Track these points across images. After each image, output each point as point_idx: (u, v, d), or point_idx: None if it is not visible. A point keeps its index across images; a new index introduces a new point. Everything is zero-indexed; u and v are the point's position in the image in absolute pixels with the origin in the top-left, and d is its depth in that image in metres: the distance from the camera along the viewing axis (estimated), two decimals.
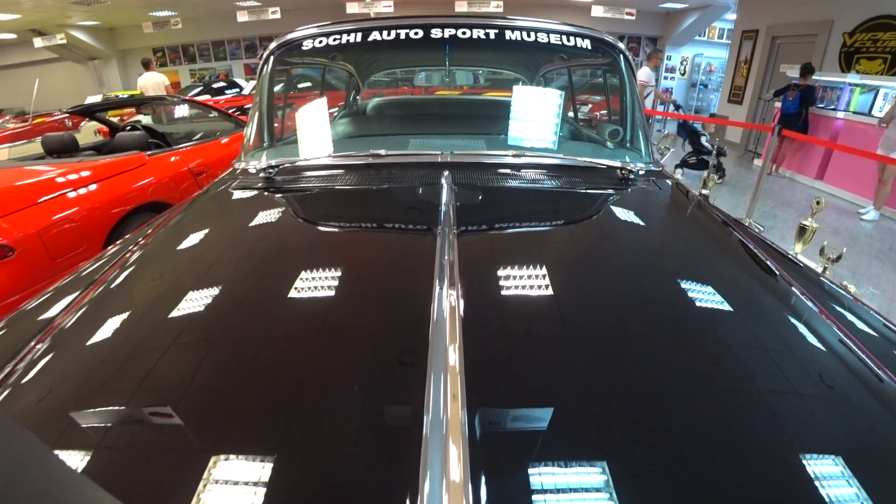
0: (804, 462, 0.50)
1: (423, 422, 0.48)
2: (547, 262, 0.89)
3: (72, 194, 2.13)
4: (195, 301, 0.78)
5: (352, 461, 0.49)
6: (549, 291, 0.78)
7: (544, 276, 0.82)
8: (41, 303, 0.91)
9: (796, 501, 0.47)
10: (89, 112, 3.90)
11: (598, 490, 0.45)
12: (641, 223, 1.16)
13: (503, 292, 0.77)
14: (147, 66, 7.86)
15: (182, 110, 4.81)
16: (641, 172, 1.37)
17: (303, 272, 0.84)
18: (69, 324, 0.77)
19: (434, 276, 0.72)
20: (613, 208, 1.23)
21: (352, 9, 10.03)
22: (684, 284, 0.86)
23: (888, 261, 3.76)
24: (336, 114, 2.27)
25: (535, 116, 1.56)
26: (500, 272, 0.83)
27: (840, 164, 5.77)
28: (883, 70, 6.16)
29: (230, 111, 4.67)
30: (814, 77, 6.18)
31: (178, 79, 14.72)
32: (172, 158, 2.85)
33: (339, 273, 0.85)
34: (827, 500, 0.45)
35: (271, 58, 1.58)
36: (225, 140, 3.44)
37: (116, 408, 0.58)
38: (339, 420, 0.53)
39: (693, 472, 0.50)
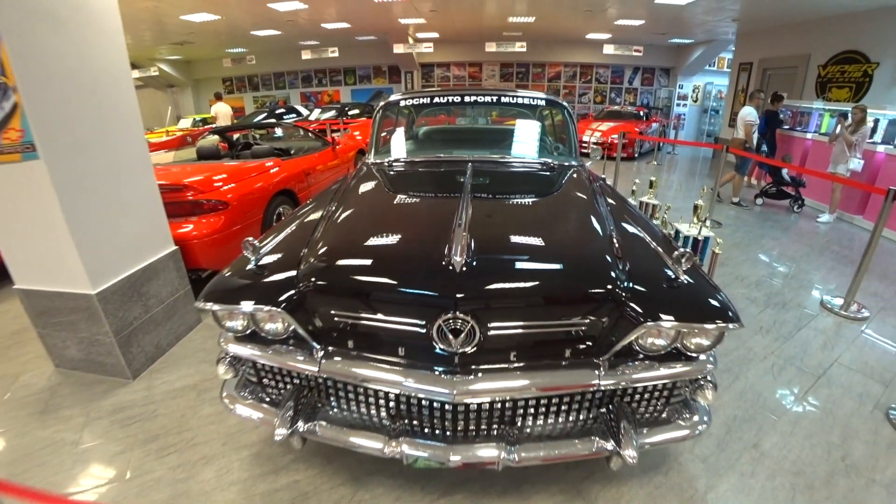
0: (556, 249, 1.71)
1: (456, 225, 1.66)
2: (508, 196, 2.19)
3: (254, 178, 3.62)
4: (368, 206, 2.12)
5: (434, 225, 1.76)
6: (506, 204, 2.08)
7: (506, 200, 2.12)
8: (306, 214, 2.22)
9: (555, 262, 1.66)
10: (220, 131, 5.50)
11: (509, 244, 1.69)
12: (558, 182, 2.44)
13: (487, 206, 2.02)
14: (219, 98, 10.21)
15: (280, 129, 6.43)
16: (568, 164, 2.69)
17: (405, 194, 2.19)
18: (333, 216, 2.08)
19: (460, 200, 1.92)
20: (550, 177, 2.53)
21: (398, 49, 11.74)
22: (556, 197, 2.18)
23: (828, 251, 4.72)
24: (406, 134, 3.67)
25: (518, 138, 2.98)
26: (487, 202, 2.08)
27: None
28: (849, 97, 7.18)
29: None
30: (785, 103, 7.25)
31: (243, 104, 16.92)
32: (292, 163, 4.32)
33: (419, 194, 2.20)
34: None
35: (381, 110, 3.01)
36: (317, 154, 4.92)
37: (367, 240, 1.83)
38: (429, 218, 1.85)
39: (530, 245, 1.75)
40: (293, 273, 1.56)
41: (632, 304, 1.42)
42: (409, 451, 1.40)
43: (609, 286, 1.45)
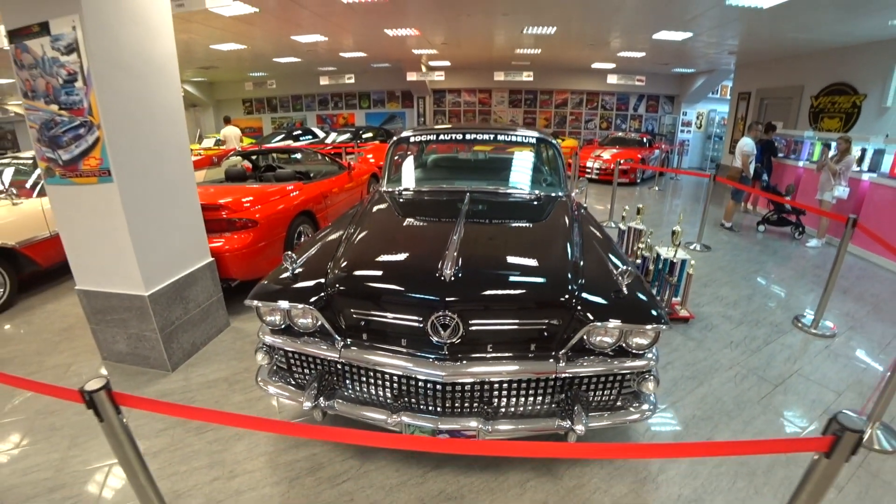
0: (536, 259, 2.12)
1: (449, 245, 2.06)
2: (496, 222, 2.58)
3: (275, 200, 4.06)
4: (380, 228, 2.51)
5: (432, 245, 2.12)
6: (493, 228, 2.47)
7: (494, 225, 2.51)
8: (330, 233, 2.61)
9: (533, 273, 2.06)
10: (245, 154, 6.02)
11: (489, 261, 2.08)
12: (541, 211, 2.81)
13: (477, 229, 2.38)
14: (228, 121, 11.25)
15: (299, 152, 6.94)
16: (554, 195, 3.06)
17: (412, 218, 2.61)
18: (352, 236, 2.46)
19: (455, 224, 2.31)
20: (534, 206, 2.91)
21: (411, 77, 12.39)
22: (536, 224, 2.57)
23: (810, 274, 4.99)
24: (415, 164, 4.08)
25: (512, 171, 3.41)
26: (478, 226, 2.45)
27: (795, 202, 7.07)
28: (840, 127, 7.51)
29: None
30: (779, 132, 7.61)
31: (261, 124, 17.73)
32: (312, 187, 4.77)
33: (423, 219, 2.61)
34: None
35: (393, 144, 3.43)
36: (335, 178, 5.38)
37: (380, 254, 2.30)
38: (429, 239, 2.23)
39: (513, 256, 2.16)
40: (322, 280, 1.95)
41: (581, 309, 1.79)
42: (407, 421, 1.76)
43: (564, 295, 1.82)
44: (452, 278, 1.79)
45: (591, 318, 1.76)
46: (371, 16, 6.50)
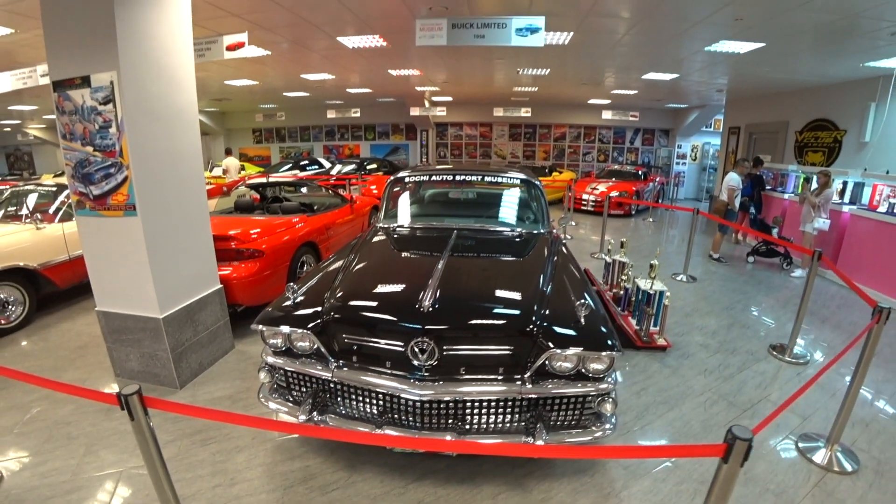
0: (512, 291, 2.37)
1: (431, 278, 2.31)
2: (478, 257, 2.84)
3: (280, 232, 4.36)
4: (374, 261, 2.76)
5: (416, 278, 2.35)
6: (474, 263, 2.72)
7: (475, 260, 2.77)
8: (330, 265, 2.88)
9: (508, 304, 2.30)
10: (254, 186, 6.38)
11: (464, 293, 2.32)
12: (519, 247, 3.06)
13: (460, 263, 2.63)
14: (229, 153, 12.22)
15: (302, 186, 7.31)
16: (536, 232, 3.32)
17: (402, 252, 2.87)
18: (348, 268, 2.72)
19: (440, 259, 2.57)
20: (514, 242, 3.16)
21: (414, 112, 12.96)
22: (513, 259, 2.83)
23: (792, 303, 5.07)
24: (410, 201, 4.36)
25: (497, 209, 3.70)
26: (461, 260, 2.70)
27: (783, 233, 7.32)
28: (823, 161, 7.82)
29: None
30: (766, 166, 7.94)
31: (270, 153, 18.35)
32: (316, 219, 5.08)
33: (412, 253, 2.87)
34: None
35: (390, 184, 3.73)
36: (338, 210, 5.70)
37: (372, 284, 2.58)
38: (414, 273, 2.46)
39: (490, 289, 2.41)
40: (319, 308, 2.20)
41: (542, 337, 2.01)
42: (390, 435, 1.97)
43: (528, 325, 2.05)
44: (430, 308, 2.03)
45: (550, 345, 1.98)
46: (376, 58, 6.98)
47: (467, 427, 2.05)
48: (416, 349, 1.99)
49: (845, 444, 2.62)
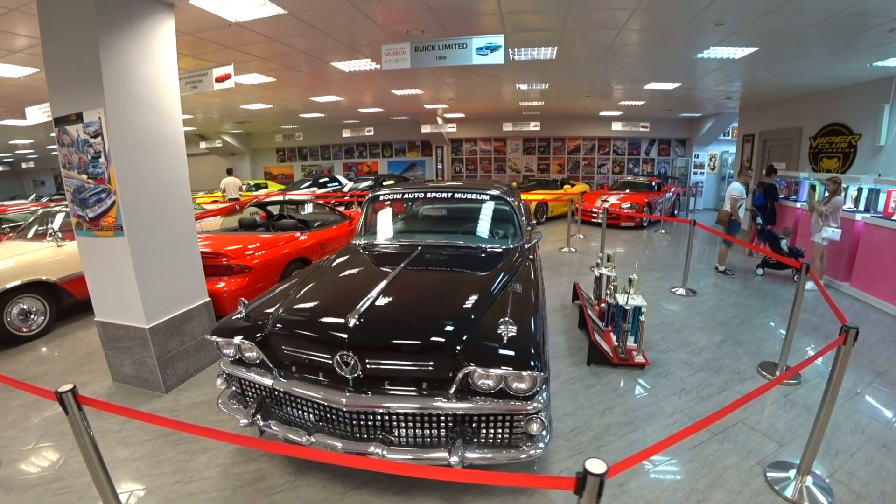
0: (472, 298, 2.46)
1: (376, 288, 2.46)
2: (428, 272, 2.94)
3: (273, 249, 4.63)
4: (328, 278, 2.88)
5: (356, 294, 2.42)
6: (420, 278, 2.81)
7: (423, 275, 2.87)
8: (292, 280, 3.05)
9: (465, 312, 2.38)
10: (261, 204, 6.76)
11: (393, 308, 2.39)
12: (476, 263, 3.11)
13: (406, 278, 2.72)
14: (230, 172, 12.87)
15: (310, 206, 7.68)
16: (509, 247, 3.36)
17: (357, 269, 3.02)
18: (302, 284, 2.84)
19: (389, 274, 2.68)
20: (473, 258, 3.22)
21: (425, 129, 13.30)
22: (469, 274, 2.91)
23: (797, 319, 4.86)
24: (383, 219, 4.42)
25: (467, 226, 3.76)
26: (411, 274, 2.80)
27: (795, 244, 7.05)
28: (839, 167, 7.52)
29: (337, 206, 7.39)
30: (779, 174, 7.70)
31: (292, 171, 19.12)
32: (306, 237, 5.35)
33: (366, 269, 3.00)
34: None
35: (369, 201, 3.88)
36: (335, 227, 5.95)
37: (326, 295, 2.74)
38: (357, 289, 2.51)
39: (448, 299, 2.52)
40: (263, 322, 2.38)
41: (462, 354, 2.05)
42: (322, 442, 2.11)
43: (448, 342, 2.08)
44: (355, 323, 2.14)
45: (471, 363, 1.99)
46: (376, 80, 7.31)
47: (392, 439, 2.13)
48: (342, 361, 2.12)
49: (820, 475, 2.44)
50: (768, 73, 6.64)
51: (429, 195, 3.82)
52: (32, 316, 4.49)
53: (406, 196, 3.90)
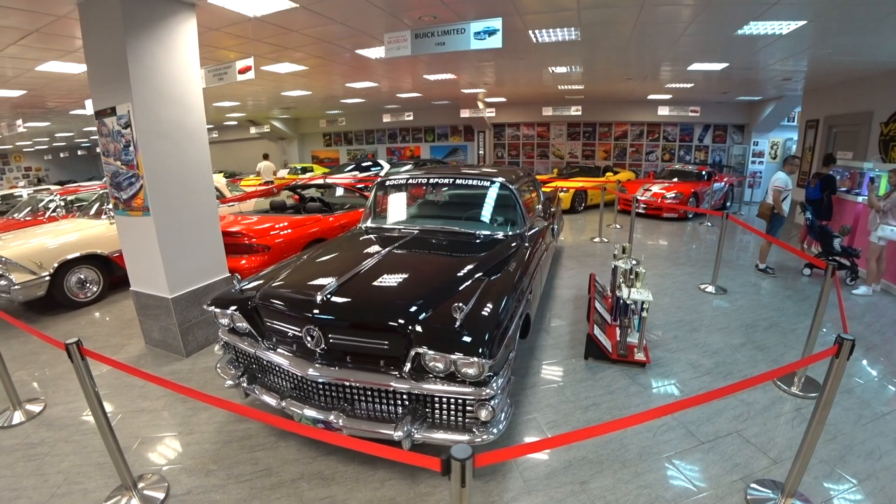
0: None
1: (355, 269, 2.66)
2: (411, 256, 3.04)
3: (294, 229, 4.95)
4: (321, 257, 3.10)
5: (337, 273, 2.61)
6: (402, 262, 2.91)
7: (406, 260, 2.96)
8: (287, 261, 3.30)
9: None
10: (293, 187, 7.16)
11: (361, 288, 2.56)
12: (470, 248, 3.21)
13: (390, 261, 2.87)
14: (266, 157, 13.65)
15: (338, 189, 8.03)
16: (509, 234, 3.44)
17: (350, 250, 3.18)
18: (296, 263, 3.10)
19: (373, 256, 2.87)
20: (462, 244, 3.31)
21: (464, 114, 13.25)
22: (459, 259, 2.98)
23: (836, 327, 4.33)
24: (388, 204, 4.55)
25: (467, 212, 3.83)
26: (395, 258, 2.95)
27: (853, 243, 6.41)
28: None
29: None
30: (840, 164, 6.99)
31: (338, 155, 19.78)
32: (332, 218, 5.64)
33: (357, 250, 3.13)
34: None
35: (377, 185, 4.08)
36: (358, 210, 6.19)
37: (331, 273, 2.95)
38: (339, 269, 2.70)
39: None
40: (251, 295, 2.62)
41: (412, 335, 2.14)
42: (291, 407, 2.33)
43: (399, 322, 2.17)
44: (322, 300, 2.31)
45: (424, 346, 2.08)
46: (404, 66, 7.41)
47: (354, 410, 2.29)
48: (308, 335, 2.31)
49: (810, 497, 2.21)
50: (828, 50, 5.99)
51: (431, 181, 3.93)
52: (88, 284, 5.13)
53: (409, 182, 4.02)
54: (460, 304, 2.16)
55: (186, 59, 3.52)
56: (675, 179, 11.04)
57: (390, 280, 2.65)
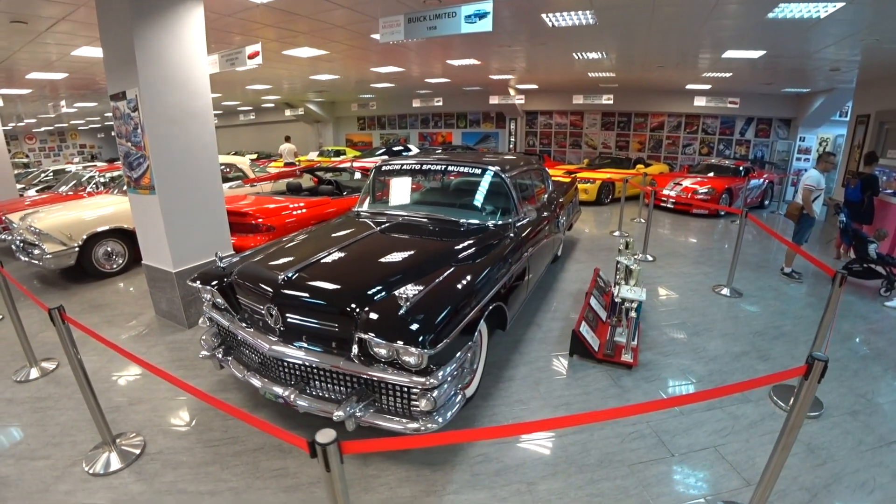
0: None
1: (324, 252, 2.75)
2: (387, 243, 3.11)
3: (302, 211, 5.13)
4: (303, 239, 3.21)
5: (309, 255, 2.71)
6: (374, 248, 2.97)
7: (380, 246, 3.03)
8: (273, 242, 3.46)
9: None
10: (310, 170, 7.36)
11: (321, 271, 2.68)
12: (449, 236, 3.23)
13: (363, 245, 2.96)
14: (288, 140, 14.20)
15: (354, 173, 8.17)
16: (494, 223, 3.44)
17: (332, 233, 3.26)
18: (278, 244, 3.27)
19: (356, 237, 2.99)
20: (441, 231, 3.34)
21: (493, 100, 13.06)
22: (424, 245, 3.04)
23: (864, 343, 3.91)
24: (381, 189, 4.54)
25: (456, 199, 3.86)
26: (366, 245, 3.00)
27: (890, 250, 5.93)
28: None
29: None
30: (882, 163, 6.42)
31: (371, 139, 20.01)
32: (340, 202, 5.77)
33: (337, 234, 3.22)
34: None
35: (374, 170, 4.15)
36: None
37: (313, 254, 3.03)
38: (310, 250, 2.79)
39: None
40: (227, 272, 2.78)
41: (359, 321, 2.17)
42: (254, 381, 2.47)
43: (347, 307, 2.22)
44: (283, 280, 2.41)
45: (365, 330, 2.12)
46: (427, 51, 7.38)
47: (306, 389, 2.40)
48: (267, 313, 2.43)
49: None
50: (875, 37, 5.46)
51: (425, 167, 3.96)
52: (114, 257, 5.54)
53: (404, 168, 4.06)
54: (407, 292, 2.20)
55: (193, 45, 3.67)
56: (711, 174, 10.49)
57: (354, 265, 2.71)
